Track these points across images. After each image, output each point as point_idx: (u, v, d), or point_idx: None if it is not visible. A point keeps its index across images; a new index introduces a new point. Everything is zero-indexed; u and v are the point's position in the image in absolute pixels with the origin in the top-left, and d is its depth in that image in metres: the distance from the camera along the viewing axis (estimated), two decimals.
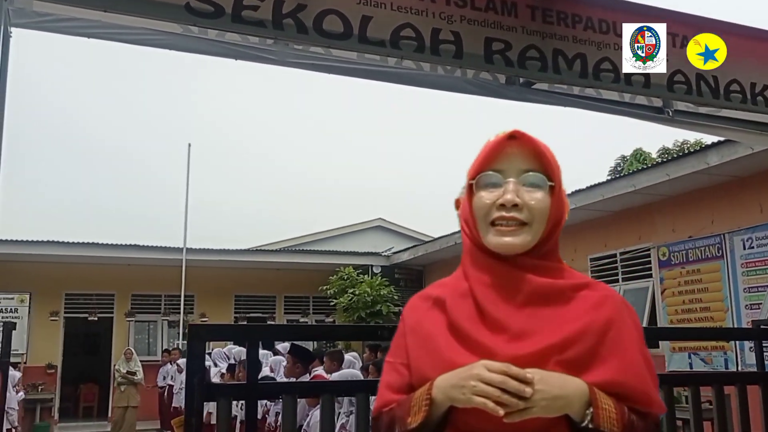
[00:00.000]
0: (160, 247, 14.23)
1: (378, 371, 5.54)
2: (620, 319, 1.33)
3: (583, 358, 1.27)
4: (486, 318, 1.30)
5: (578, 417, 1.24)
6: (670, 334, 5.92)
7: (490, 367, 1.21)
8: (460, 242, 6.35)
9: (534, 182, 1.33)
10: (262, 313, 16.11)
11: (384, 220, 19.88)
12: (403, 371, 1.37)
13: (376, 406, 1.40)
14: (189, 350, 3.78)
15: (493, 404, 1.18)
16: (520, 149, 1.35)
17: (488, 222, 1.32)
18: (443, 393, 1.26)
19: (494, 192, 1.33)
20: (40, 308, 14.44)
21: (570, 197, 6.38)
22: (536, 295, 1.30)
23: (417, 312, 1.42)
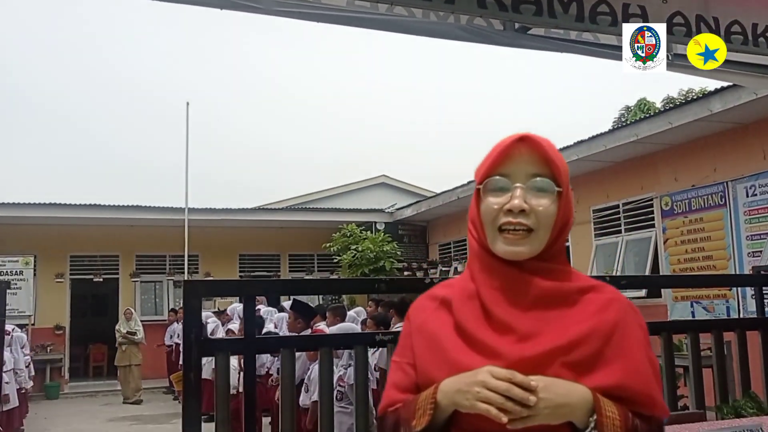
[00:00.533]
0: (162, 207, 14.21)
1: (376, 325, 5.57)
2: (626, 322, 1.33)
3: (589, 361, 1.27)
4: (492, 320, 1.30)
5: (581, 424, 1.25)
6: (670, 282, 5.90)
7: (495, 373, 1.21)
8: (462, 197, 6.37)
9: (542, 187, 1.32)
10: (266, 271, 16.18)
11: (387, 176, 19.79)
12: (410, 371, 1.38)
13: (382, 406, 1.41)
14: (185, 306, 3.78)
15: (496, 411, 1.19)
16: (529, 153, 1.34)
17: (496, 227, 1.32)
18: (448, 398, 1.27)
19: (502, 197, 1.32)
20: (45, 270, 14.54)
21: (572, 148, 6.28)
22: (542, 298, 1.31)
23: (423, 312, 1.42)
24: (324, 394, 3.98)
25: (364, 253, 12.15)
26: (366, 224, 15.01)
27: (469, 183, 12.63)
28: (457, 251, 14.65)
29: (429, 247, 15.89)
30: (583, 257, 10.56)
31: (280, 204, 17.72)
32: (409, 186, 19.33)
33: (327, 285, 4.74)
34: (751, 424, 3.39)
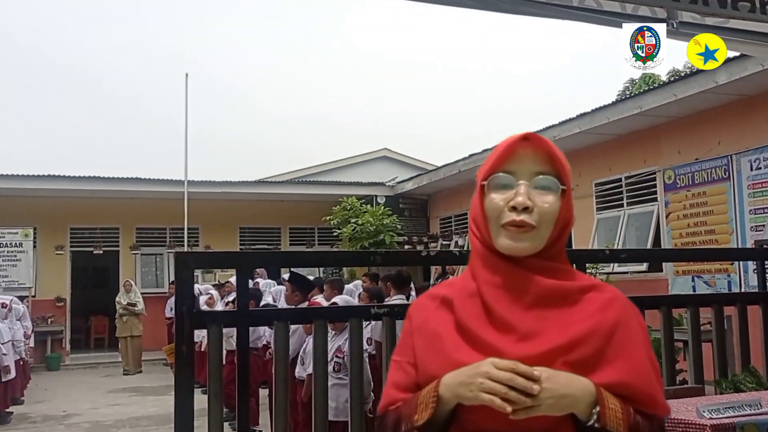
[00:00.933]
0: (162, 180, 14.14)
1: (370, 298, 5.52)
2: (627, 321, 1.34)
3: (590, 360, 1.28)
4: (493, 318, 1.31)
5: (584, 416, 1.25)
6: (671, 255, 5.82)
7: (498, 364, 1.22)
8: (464, 170, 6.26)
9: (545, 185, 1.33)
10: (267, 244, 16.14)
11: (389, 150, 19.64)
12: (410, 370, 1.38)
13: (382, 405, 1.40)
14: (177, 278, 3.74)
15: (500, 401, 1.19)
16: (533, 151, 1.35)
17: (499, 224, 1.33)
18: (451, 390, 1.27)
19: (506, 194, 1.33)
20: (45, 242, 14.52)
21: (575, 121, 6.18)
22: (544, 297, 1.31)
23: (424, 311, 1.42)
24: (318, 366, 3.94)
25: (364, 226, 12.08)
26: (367, 198, 14.92)
27: (470, 156, 12.52)
28: (458, 225, 14.57)
29: (430, 220, 15.82)
30: (584, 231, 10.49)
31: (281, 177, 17.63)
32: (411, 159, 19.19)
33: (321, 257, 4.67)
34: (750, 399, 3.34)
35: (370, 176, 16.68)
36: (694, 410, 3.48)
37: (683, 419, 3.42)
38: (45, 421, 8.06)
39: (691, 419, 3.38)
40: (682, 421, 3.42)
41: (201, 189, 14.20)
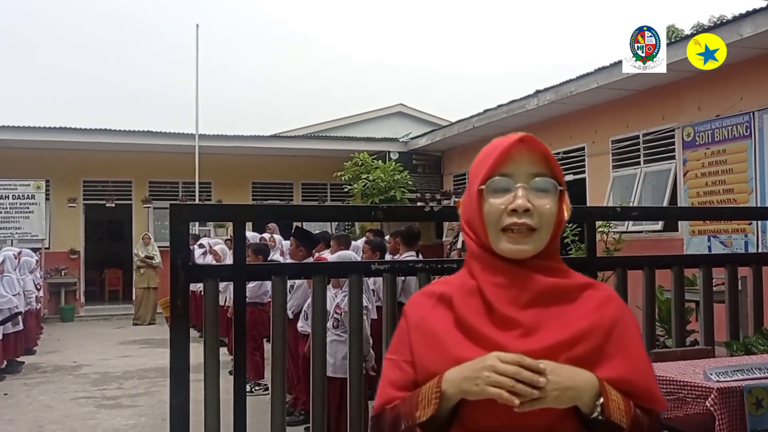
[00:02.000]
0: (173, 133, 14.06)
1: (372, 250, 5.43)
2: (624, 320, 1.36)
3: (591, 356, 1.29)
4: (495, 315, 1.31)
5: (588, 408, 1.26)
6: (685, 214, 5.65)
7: (504, 358, 1.22)
8: (478, 126, 6.04)
9: (543, 187, 1.34)
10: (279, 199, 16.08)
11: (405, 105, 19.37)
12: (407, 368, 1.37)
13: (379, 403, 1.39)
14: (171, 230, 3.63)
15: (508, 394, 1.19)
16: (529, 153, 1.35)
17: (499, 228, 1.33)
18: (455, 386, 1.26)
19: (504, 197, 1.33)
20: (58, 195, 14.56)
21: (592, 76, 5.96)
22: (544, 294, 1.32)
23: (421, 309, 1.41)
24: (317, 323, 3.87)
25: (375, 182, 11.94)
26: (380, 153, 14.75)
27: (485, 111, 12.29)
28: None
29: (443, 177, 15.65)
30: (599, 189, 10.31)
31: (296, 132, 17.45)
32: (426, 115, 18.92)
33: (321, 211, 4.54)
34: (760, 362, 3.24)
35: (384, 132, 16.43)
36: (702, 372, 3.38)
37: (689, 381, 3.31)
38: (55, 371, 8.13)
39: (698, 382, 3.27)
40: (688, 383, 3.32)
41: (213, 143, 14.11)
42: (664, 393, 3.51)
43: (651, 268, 4.48)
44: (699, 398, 3.28)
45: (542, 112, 11.03)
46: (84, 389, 7.08)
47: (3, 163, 13.59)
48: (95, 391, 6.99)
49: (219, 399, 3.67)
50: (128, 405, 6.36)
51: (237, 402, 3.69)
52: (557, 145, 11.51)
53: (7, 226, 12.56)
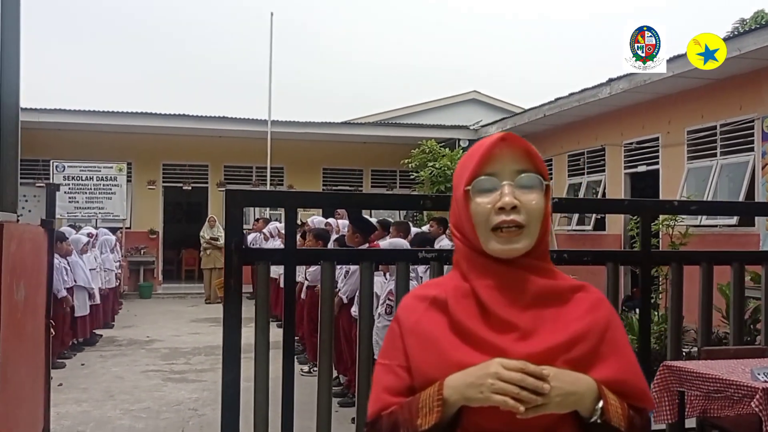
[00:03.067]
0: (247, 119, 14.43)
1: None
2: (614, 321, 1.37)
3: (587, 357, 1.30)
4: (491, 318, 1.30)
5: (587, 412, 1.27)
6: (751, 209, 5.45)
7: (507, 365, 1.22)
8: (549, 114, 6.08)
9: (528, 183, 1.33)
10: (349, 186, 16.29)
11: (479, 92, 19.15)
12: (402, 374, 1.35)
13: (374, 410, 1.36)
14: (226, 215, 3.81)
15: (513, 402, 1.19)
16: (511, 151, 1.35)
17: (489, 228, 1.31)
18: (458, 393, 1.25)
19: (491, 196, 1.32)
20: (140, 177, 15.22)
21: (667, 64, 5.75)
22: (540, 296, 1.32)
23: (414, 313, 1.38)
24: (364, 308, 3.97)
25: (442, 170, 11.93)
26: (450, 141, 14.72)
27: (556, 100, 12.08)
28: None
29: None
30: (673, 182, 10.01)
31: (368, 119, 17.59)
32: (502, 103, 18.64)
33: (369, 199, 4.62)
34: None
35: (458, 120, 16.26)
36: (750, 372, 3.30)
37: (735, 381, 3.25)
38: (129, 345, 8.57)
39: (743, 381, 3.21)
40: (734, 382, 3.25)
41: (284, 129, 14.41)
42: (711, 391, 3.46)
43: (709, 263, 4.36)
44: (745, 398, 3.22)
45: (615, 101, 10.76)
46: (154, 363, 7.45)
47: (89, 146, 14.31)
48: (164, 365, 7.35)
49: (268, 376, 3.83)
50: (193, 379, 6.66)
51: (285, 380, 3.83)
52: (629, 135, 11.22)
53: (91, 206, 13.23)
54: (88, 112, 13.89)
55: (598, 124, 12.04)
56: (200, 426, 5.14)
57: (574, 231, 12.81)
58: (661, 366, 3.72)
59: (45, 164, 13.60)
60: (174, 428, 5.12)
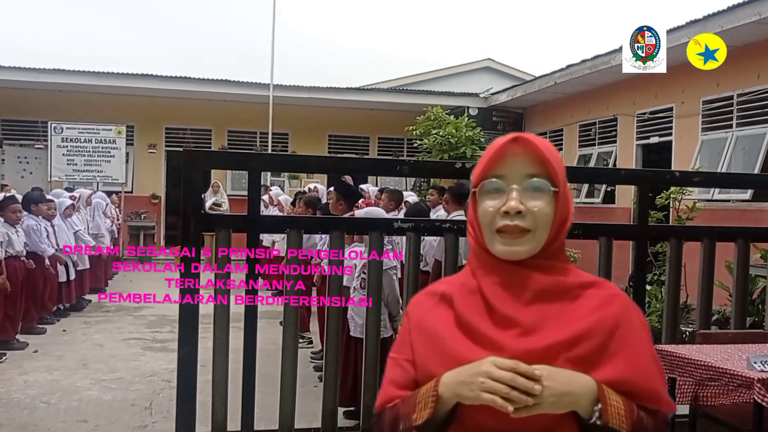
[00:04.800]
0: (249, 83, 14.13)
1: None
2: (628, 318, 1.33)
3: (592, 356, 1.27)
4: (494, 314, 1.30)
5: (586, 414, 1.24)
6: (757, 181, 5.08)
7: (499, 363, 1.21)
8: (560, 82, 5.72)
9: (538, 188, 1.31)
10: (354, 153, 15.97)
11: (493, 60, 18.68)
12: (408, 367, 1.37)
13: (380, 402, 1.39)
14: (184, 177, 3.54)
15: (501, 401, 1.18)
16: (524, 153, 1.32)
17: (493, 230, 1.31)
18: (450, 390, 1.25)
19: (498, 199, 1.31)
20: (142, 141, 14.99)
21: (684, 29, 5.47)
22: (543, 292, 1.30)
23: (422, 308, 1.40)
24: (333, 279, 3.71)
25: (446, 138, 11.55)
26: (459, 109, 14.31)
27: (568, 67, 11.65)
28: (553, 141, 13.77)
29: None
30: (686, 153, 9.62)
31: (379, 86, 17.15)
32: (516, 71, 18.14)
33: (341, 163, 4.32)
34: None
35: (471, 89, 15.76)
36: (746, 360, 3.01)
37: (729, 369, 2.96)
38: (117, 311, 8.37)
39: (738, 370, 2.92)
40: (728, 371, 2.96)
41: (288, 93, 14.09)
42: (705, 379, 3.17)
43: (711, 240, 4.05)
44: (741, 387, 2.93)
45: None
46: (138, 330, 7.25)
47: (90, 108, 14.08)
48: (148, 333, 7.14)
49: (228, 350, 3.61)
50: (173, 349, 6.38)
51: (246, 352, 3.59)
52: (642, 105, 10.79)
53: (90, 169, 13.03)
54: (88, 73, 13.62)
55: (610, 93, 11.61)
56: (170, 398, 4.92)
57: (582, 203, 12.45)
58: None
59: (44, 126, 13.39)
60: (142, 400, 4.92)
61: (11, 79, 13.24)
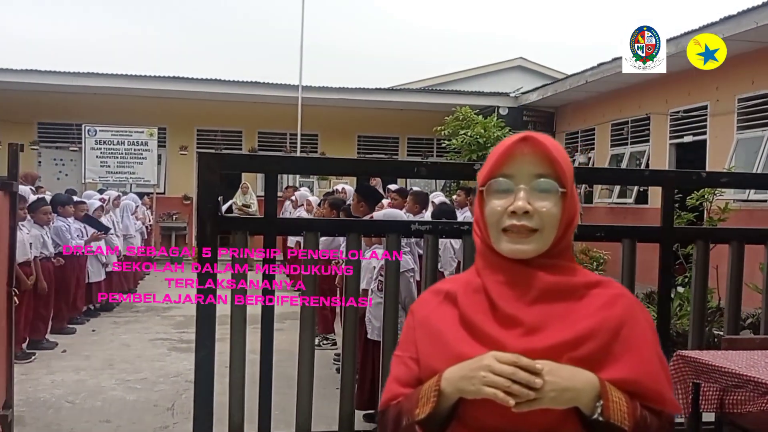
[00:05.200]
0: (279, 84, 14.20)
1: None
2: (633, 318, 1.33)
3: (596, 356, 1.27)
4: (498, 313, 1.30)
5: (588, 410, 1.24)
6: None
7: (500, 357, 1.21)
8: (591, 80, 5.71)
9: (545, 188, 1.31)
10: (384, 154, 15.96)
11: (525, 59, 18.51)
12: (412, 365, 1.38)
13: (384, 399, 1.40)
14: (200, 180, 3.56)
15: (503, 395, 1.18)
16: (532, 153, 1.32)
17: (499, 229, 1.31)
18: (452, 385, 1.26)
19: (505, 198, 1.31)
20: (174, 143, 15.15)
21: (717, 26, 5.42)
22: (548, 292, 1.31)
23: (427, 306, 1.41)
24: (350, 280, 3.69)
25: (474, 138, 11.46)
26: (488, 109, 14.20)
27: (599, 65, 11.48)
28: (584, 141, 13.64)
29: (556, 135, 14.87)
30: (720, 153, 9.40)
31: (410, 86, 17.10)
32: (549, 70, 17.93)
33: (356, 165, 4.30)
34: None
35: (503, 88, 15.63)
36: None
37: (753, 377, 2.87)
38: (146, 311, 8.48)
39: (764, 378, 2.82)
40: (752, 379, 2.87)
41: (317, 95, 14.14)
42: (730, 386, 3.07)
43: (740, 242, 3.93)
44: (767, 395, 2.84)
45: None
46: (165, 331, 7.33)
47: (124, 111, 14.29)
48: (175, 333, 7.21)
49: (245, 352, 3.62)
50: None
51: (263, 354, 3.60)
52: (674, 103, 10.58)
53: (122, 171, 13.23)
54: (121, 76, 13.84)
55: (642, 92, 11.41)
56: (192, 399, 4.96)
57: (615, 204, 12.27)
58: (675, 355, 3.35)
59: (78, 128, 13.63)
60: (165, 401, 4.96)
61: (47, 82, 13.52)
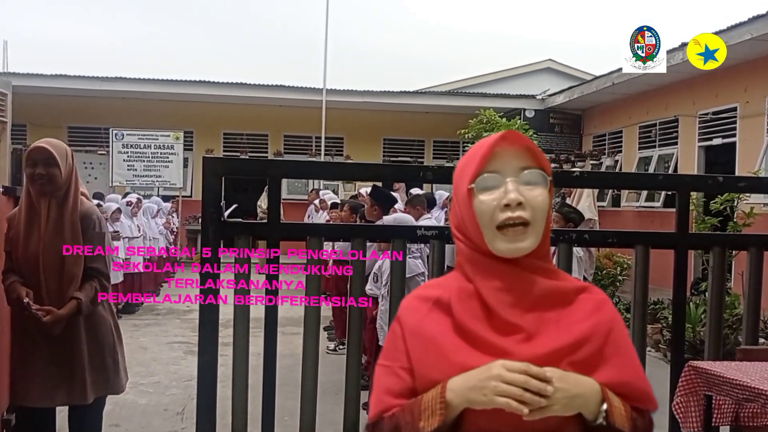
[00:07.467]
0: (303, 87, 14.24)
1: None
2: (618, 323, 1.37)
3: (592, 359, 1.30)
4: (495, 320, 1.29)
5: (592, 415, 1.26)
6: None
7: (510, 366, 1.21)
8: (618, 82, 5.65)
9: (532, 179, 1.32)
10: (410, 157, 15.91)
11: (554, 61, 18.30)
12: (404, 375, 1.34)
13: (375, 412, 1.35)
14: (204, 184, 3.53)
15: (516, 404, 1.19)
16: (513, 148, 1.33)
17: (494, 226, 1.29)
18: (460, 396, 1.24)
19: (495, 193, 1.30)
20: (200, 146, 15.29)
21: (746, 26, 5.33)
22: (545, 297, 1.31)
23: (416, 313, 1.37)
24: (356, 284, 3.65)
25: None
26: (515, 111, 14.07)
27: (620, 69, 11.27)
28: (612, 143, 13.42)
29: (583, 138, 14.71)
30: (751, 155, 9.16)
31: (438, 88, 17.03)
32: (578, 72, 17.70)
33: (363, 169, 4.25)
34: None
35: (531, 90, 15.52)
36: None
37: (765, 390, 2.74)
38: (167, 314, 8.54)
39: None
40: (763, 392, 2.75)
41: (342, 98, 14.15)
42: (742, 399, 2.96)
43: (759, 249, 3.80)
44: None
45: (687, 68, 9.83)
46: (183, 334, 7.36)
47: (150, 115, 14.47)
48: (192, 336, 7.22)
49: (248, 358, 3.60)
50: None
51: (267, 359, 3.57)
52: (702, 105, 10.35)
53: (149, 174, 13.37)
54: (148, 80, 14.02)
55: (669, 93, 11.19)
56: None
57: (642, 207, 12.04)
58: (687, 366, 3.24)
59: (107, 132, 13.82)
60: (176, 405, 4.97)
61: (76, 87, 13.77)
